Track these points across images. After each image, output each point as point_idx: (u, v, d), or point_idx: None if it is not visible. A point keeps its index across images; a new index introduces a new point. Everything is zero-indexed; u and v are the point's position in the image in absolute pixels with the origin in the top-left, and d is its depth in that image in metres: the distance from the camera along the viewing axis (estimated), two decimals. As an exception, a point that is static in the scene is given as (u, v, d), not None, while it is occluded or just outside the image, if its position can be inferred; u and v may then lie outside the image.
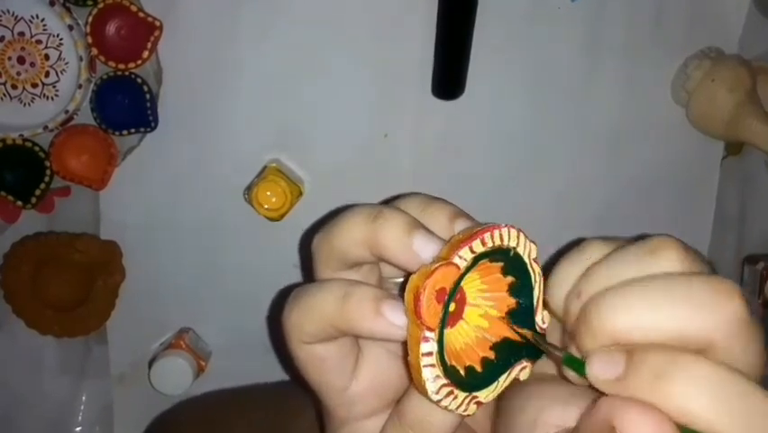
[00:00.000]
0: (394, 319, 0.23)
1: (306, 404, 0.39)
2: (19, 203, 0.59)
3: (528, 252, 0.25)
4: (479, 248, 0.23)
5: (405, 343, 0.24)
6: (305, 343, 0.26)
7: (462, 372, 0.24)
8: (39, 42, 0.56)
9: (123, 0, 0.56)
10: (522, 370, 0.26)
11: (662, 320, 0.21)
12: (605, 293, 0.22)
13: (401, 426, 0.26)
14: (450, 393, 0.24)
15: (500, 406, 0.28)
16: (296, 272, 0.64)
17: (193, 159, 0.62)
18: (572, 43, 0.62)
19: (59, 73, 0.57)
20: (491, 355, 0.25)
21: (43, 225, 0.63)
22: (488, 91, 0.62)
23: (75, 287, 0.62)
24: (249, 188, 0.61)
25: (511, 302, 0.26)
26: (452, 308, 0.24)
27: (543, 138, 0.64)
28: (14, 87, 0.57)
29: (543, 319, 0.26)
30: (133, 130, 0.59)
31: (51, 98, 0.58)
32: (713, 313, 0.21)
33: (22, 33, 0.56)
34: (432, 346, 0.23)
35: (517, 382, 0.26)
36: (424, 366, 0.23)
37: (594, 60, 0.63)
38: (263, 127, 0.62)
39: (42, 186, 0.59)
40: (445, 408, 0.24)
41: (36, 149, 0.58)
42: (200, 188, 0.63)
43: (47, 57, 0.57)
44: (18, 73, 0.57)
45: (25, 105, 0.58)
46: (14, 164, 0.58)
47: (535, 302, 0.26)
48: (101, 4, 0.55)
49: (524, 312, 0.26)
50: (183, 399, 0.61)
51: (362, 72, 0.61)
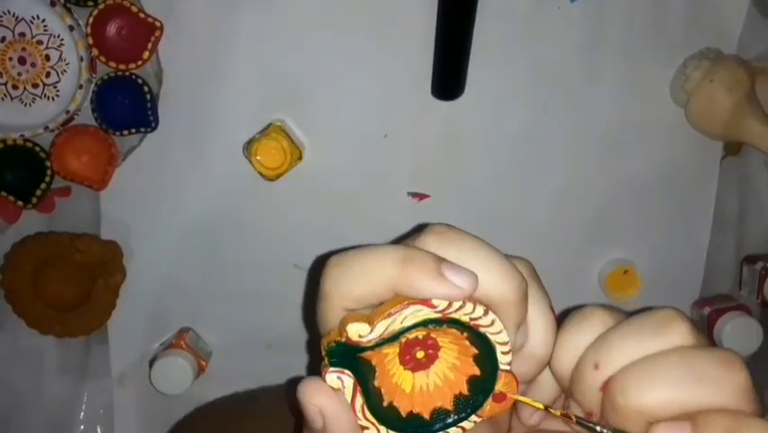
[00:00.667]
0: (455, 280, 0.24)
1: None
2: (20, 203, 0.59)
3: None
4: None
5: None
6: (346, 309, 0.26)
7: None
8: (40, 43, 0.57)
9: (123, 1, 0.56)
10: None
11: (684, 396, 0.23)
12: (628, 372, 0.24)
13: None
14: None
15: None
16: (296, 272, 0.65)
17: (193, 159, 0.62)
18: (572, 44, 0.62)
19: (59, 73, 0.57)
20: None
21: (44, 226, 0.63)
22: (487, 91, 0.62)
23: (75, 287, 0.62)
24: (249, 143, 0.60)
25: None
26: (422, 355, 0.26)
27: (542, 138, 0.64)
28: (15, 87, 0.57)
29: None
30: (134, 130, 0.59)
31: (52, 99, 0.58)
32: (725, 386, 0.23)
33: (23, 34, 0.56)
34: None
35: None
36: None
37: (593, 61, 0.63)
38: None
39: (43, 186, 0.59)
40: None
41: (37, 149, 0.58)
42: (200, 188, 0.63)
43: (48, 57, 0.57)
44: (19, 74, 0.57)
45: (26, 105, 0.58)
46: (15, 164, 0.58)
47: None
48: (102, 5, 0.56)
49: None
50: (184, 398, 0.61)
51: (362, 73, 0.61)
